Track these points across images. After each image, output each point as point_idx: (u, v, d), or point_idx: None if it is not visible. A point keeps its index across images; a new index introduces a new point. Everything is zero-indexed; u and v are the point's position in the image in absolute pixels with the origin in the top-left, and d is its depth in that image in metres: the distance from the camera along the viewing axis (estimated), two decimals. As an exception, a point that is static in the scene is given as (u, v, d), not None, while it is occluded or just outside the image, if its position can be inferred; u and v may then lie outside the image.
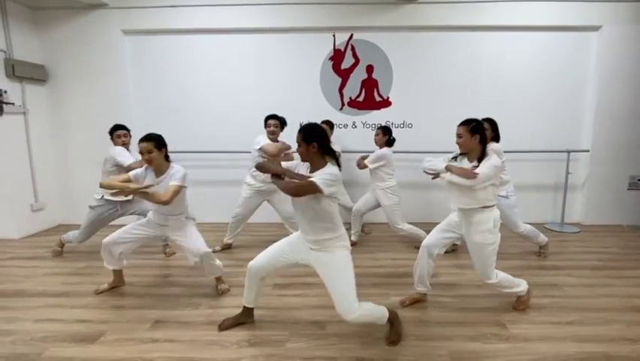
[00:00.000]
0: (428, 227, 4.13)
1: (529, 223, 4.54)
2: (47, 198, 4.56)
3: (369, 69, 4.47)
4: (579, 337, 2.15)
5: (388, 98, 4.52)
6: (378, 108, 4.55)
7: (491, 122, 3.21)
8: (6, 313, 2.48)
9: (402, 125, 4.57)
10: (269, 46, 4.48)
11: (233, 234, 3.76)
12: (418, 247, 3.54)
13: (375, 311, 2.01)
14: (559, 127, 4.50)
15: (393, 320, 2.10)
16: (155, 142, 2.51)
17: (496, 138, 3.22)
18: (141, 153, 2.48)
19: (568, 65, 4.41)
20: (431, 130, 4.53)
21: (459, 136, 2.30)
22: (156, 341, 2.15)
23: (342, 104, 4.55)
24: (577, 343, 2.09)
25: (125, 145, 3.45)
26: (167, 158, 2.61)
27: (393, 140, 3.70)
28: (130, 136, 3.54)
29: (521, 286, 2.42)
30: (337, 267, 1.95)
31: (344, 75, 4.50)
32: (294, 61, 4.50)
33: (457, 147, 2.43)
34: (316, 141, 1.86)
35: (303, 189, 1.80)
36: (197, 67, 4.54)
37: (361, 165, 3.74)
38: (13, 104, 4.09)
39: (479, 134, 2.24)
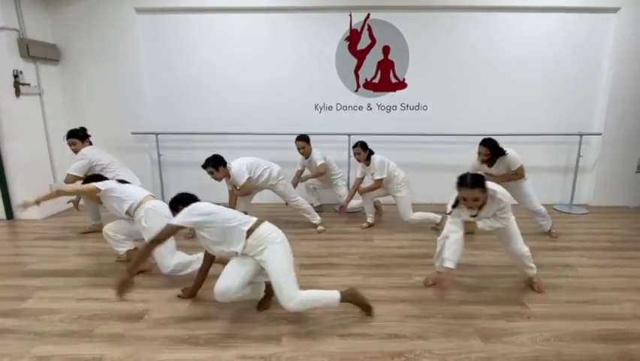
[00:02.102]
0: (442, 208, 4.28)
1: (539, 204, 4.69)
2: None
3: (386, 50, 4.44)
4: (596, 315, 2.29)
5: (404, 80, 4.52)
6: (394, 90, 4.56)
7: (489, 145, 3.34)
8: (49, 293, 2.59)
9: (417, 108, 4.60)
10: (283, 25, 4.42)
11: None
12: (435, 228, 3.70)
13: (319, 297, 2.13)
14: (572, 109, 4.55)
15: (352, 299, 2.20)
16: None
17: (498, 153, 3.34)
18: None
19: (584, 46, 4.40)
20: (446, 113, 4.56)
21: (476, 200, 2.21)
22: (199, 319, 2.27)
23: (358, 86, 4.55)
24: (594, 320, 2.23)
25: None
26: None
27: (371, 151, 3.82)
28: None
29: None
30: (269, 264, 2.08)
31: (360, 56, 4.48)
32: (309, 41, 4.46)
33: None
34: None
35: (161, 235, 2.03)
36: (210, 46, 4.49)
37: (365, 190, 3.80)
38: (29, 85, 4.07)
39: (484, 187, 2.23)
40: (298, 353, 1.96)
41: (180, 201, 2.25)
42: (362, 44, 4.44)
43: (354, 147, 3.78)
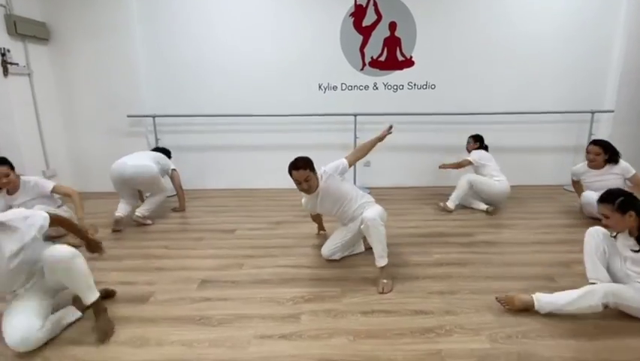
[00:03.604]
0: (447, 190, 4.16)
1: (548, 185, 4.61)
2: (58, 165, 4.39)
3: (392, 26, 4.27)
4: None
5: (411, 57, 4.36)
6: (401, 68, 4.39)
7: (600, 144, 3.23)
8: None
9: (424, 87, 4.44)
10: (285, 5, 4.23)
11: None
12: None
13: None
14: (583, 87, 4.42)
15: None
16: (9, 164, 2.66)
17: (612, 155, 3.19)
18: None
19: (595, 22, 4.26)
20: (455, 91, 4.41)
21: (605, 217, 1.87)
22: (209, 300, 2.12)
23: (364, 64, 4.38)
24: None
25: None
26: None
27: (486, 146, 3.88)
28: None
29: None
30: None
31: (365, 33, 4.30)
32: (312, 17, 4.26)
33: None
34: None
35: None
36: (210, 24, 4.28)
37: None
38: (17, 64, 3.84)
39: (633, 210, 1.78)
40: (320, 331, 1.82)
41: None
42: (367, 20, 4.26)
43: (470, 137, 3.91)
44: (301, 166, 2.30)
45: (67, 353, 1.69)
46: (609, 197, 1.84)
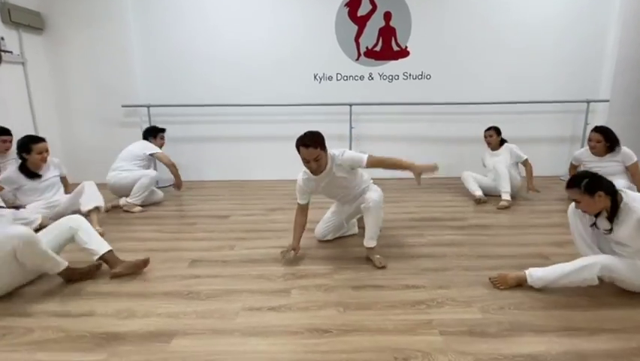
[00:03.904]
0: (444, 181, 4.15)
1: (544, 176, 4.59)
2: (52, 154, 4.29)
3: (387, 16, 4.28)
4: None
5: (406, 47, 4.36)
6: (396, 58, 4.39)
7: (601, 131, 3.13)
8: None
9: (420, 77, 4.44)
10: (281, -7, 4.25)
11: None
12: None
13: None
14: (578, 76, 4.42)
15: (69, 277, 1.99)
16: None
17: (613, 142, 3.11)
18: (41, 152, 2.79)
19: (590, 11, 4.27)
20: (450, 81, 4.41)
21: (577, 202, 1.81)
22: (198, 277, 2.09)
23: (359, 54, 4.38)
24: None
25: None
26: None
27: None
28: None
29: None
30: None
31: (360, 23, 4.30)
32: (307, 7, 4.27)
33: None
34: None
35: None
36: (205, 15, 4.28)
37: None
38: (11, 52, 3.83)
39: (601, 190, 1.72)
40: (310, 303, 1.80)
41: None
42: (362, 10, 4.27)
43: (486, 129, 3.69)
44: (311, 144, 2.02)
45: (51, 323, 1.66)
46: (575, 181, 1.78)
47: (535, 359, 1.39)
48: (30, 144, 2.79)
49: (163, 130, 3.90)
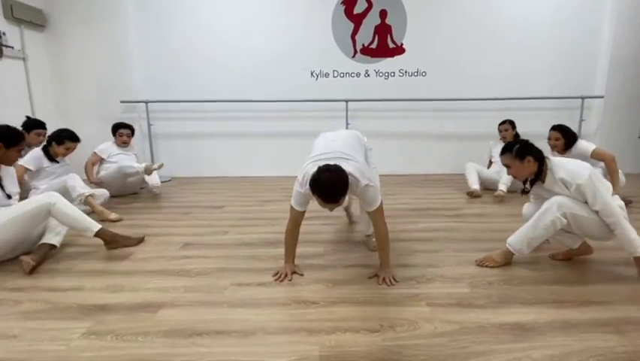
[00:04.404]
0: (440, 177, 4.16)
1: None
2: None
3: (383, 14, 4.34)
4: (612, 246, 2.15)
5: (402, 44, 4.42)
6: (392, 56, 4.44)
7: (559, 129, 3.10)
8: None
9: (415, 74, 4.48)
10: (279, -8, 4.32)
11: None
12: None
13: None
14: (572, 73, 4.46)
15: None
16: None
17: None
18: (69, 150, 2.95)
19: (583, 8, 4.32)
20: (445, 78, 4.45)
21: (508, 167, 1.91)
22: (189, 258, 2.10)
23: (355, 52, 4.43)
24: (611, 251, 2.08)
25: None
26: None
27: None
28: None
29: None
30: None
31: (356, 20, 4.37)
32: (304, 5, 4.34)
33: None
34: None
35: None
36: (202, 13, 4.35)
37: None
38: (12, 47, 3.89)
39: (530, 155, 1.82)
40: (299, 279, 1.80)
41: None
42: (358, 8, 4.33)
43: (504, 123, 3.65)
44: (335, 201, 1.58)
45: (40, 296, 1.66)
46: (507, 147, 1.88)
47: (522, 327, 1.38)
48: (65, 140, 2.93)
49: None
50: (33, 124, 3.06)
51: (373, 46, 4.42)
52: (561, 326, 1.39)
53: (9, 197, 2.04)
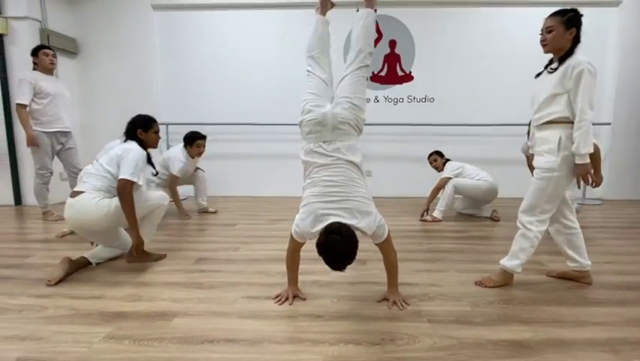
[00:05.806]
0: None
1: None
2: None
3: (392, 44, 4.55)
4: (616, 270, 2.19)
5: (410, 72, 4.60)
6: (401, 83, 4.63)
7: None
8: (52, 253, 2.55)
9: (424, 100, 4.64)
10: (293, 21, 4.59)
11: None
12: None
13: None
14: (579, 102, 4.54)
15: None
16: None
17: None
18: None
19: (588, 40, 4.41)
20: (452, 104, 4.60)
21: (548, 31, 1.85)
22: (203, 271, 2.20)
23: (365, 79, 4.62)
24: (615, 275, 2.12)
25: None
26: None
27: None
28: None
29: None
30: None
31: (367, 50, 4.58)
32: (318, 36, 4.58)
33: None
34: None
35: (124, 193, 2.10)
36: (223, 42, 4.65)
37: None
38: (47, 72, 4.20)
39: (575, 27, 1.81)
40: (306, 294, 1.88)
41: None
42: (369, 38, 4.55)
43: (430, 155, 3.82)
44: (342, 269, 1.59)
45: (64, 303, 1.78)
46: (560, 11, 1.84)
47: (519, 344, 1.43)
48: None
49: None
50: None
51: (383, 73, 4.62)
52: (557, 343, 1.43)
53: (156, 174, 2.50)
